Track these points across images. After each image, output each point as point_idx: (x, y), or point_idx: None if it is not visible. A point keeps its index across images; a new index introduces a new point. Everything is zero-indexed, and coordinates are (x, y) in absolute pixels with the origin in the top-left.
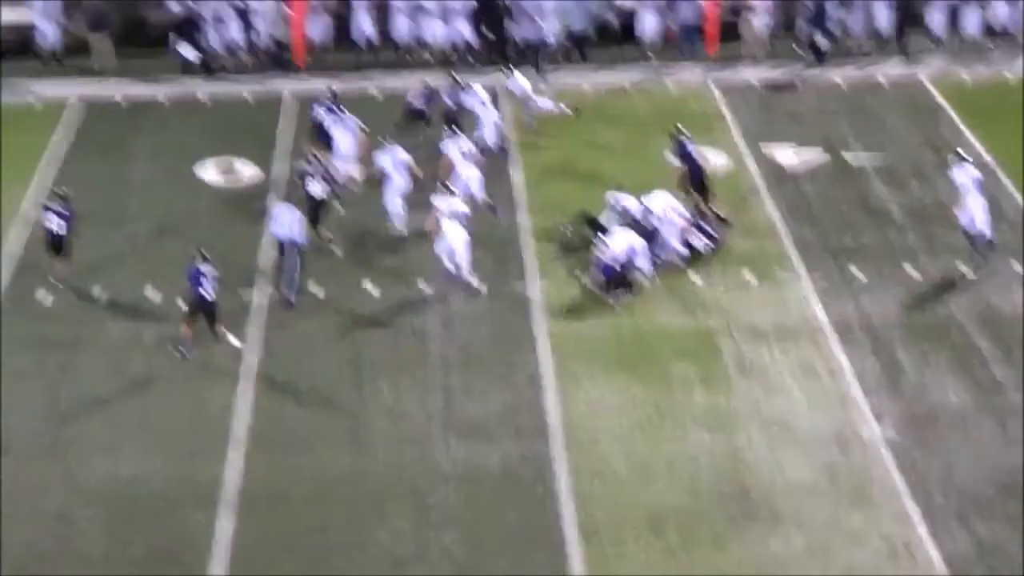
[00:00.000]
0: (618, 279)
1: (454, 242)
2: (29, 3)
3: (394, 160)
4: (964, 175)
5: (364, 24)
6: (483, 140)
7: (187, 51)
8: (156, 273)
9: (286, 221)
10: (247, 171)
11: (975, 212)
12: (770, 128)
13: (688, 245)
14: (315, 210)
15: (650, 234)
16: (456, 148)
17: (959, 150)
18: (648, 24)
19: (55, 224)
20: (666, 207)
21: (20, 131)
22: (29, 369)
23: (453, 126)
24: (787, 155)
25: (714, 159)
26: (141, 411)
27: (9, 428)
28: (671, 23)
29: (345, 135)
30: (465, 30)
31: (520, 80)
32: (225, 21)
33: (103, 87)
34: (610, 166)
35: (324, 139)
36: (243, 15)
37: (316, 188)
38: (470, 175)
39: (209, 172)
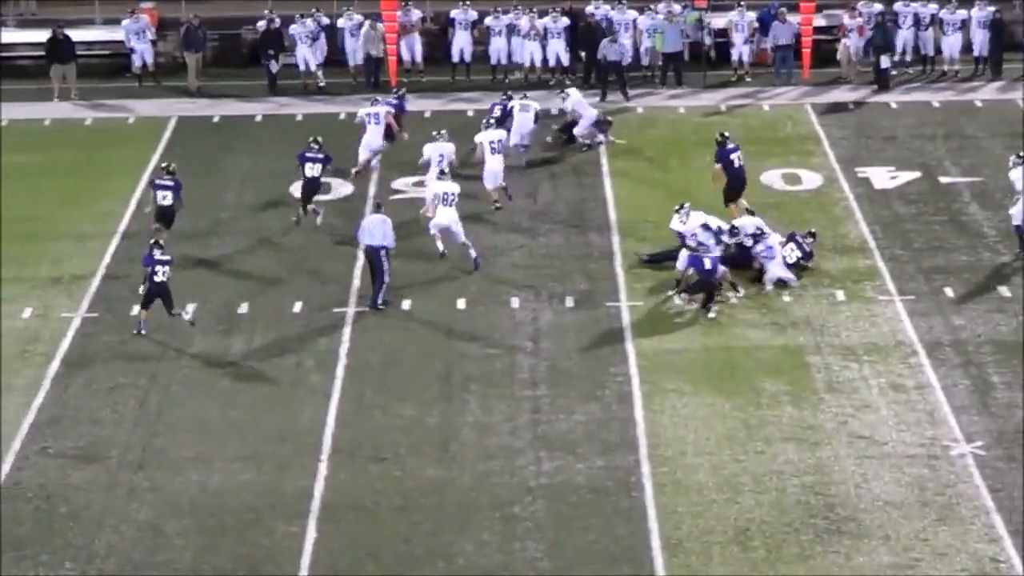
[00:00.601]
0: (705, 283)
1: (443, 220)
2: (123, 24)
3: (440, 152)
4: (1018, 172)
5: (463, 43)
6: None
7: (274, 67)
8: (248, 290)
9: (378, 232)
10: (339, 188)
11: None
12: (865, 150)
13: (786, 262)
14: (308, 189)
15: (742, 252)
16: (487, 138)
17: (1022, 152)
18: (742, 46)
19: (164, 197)
20: (758, 224)
21: (119, 148)
22: (119, 381)
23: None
24: (882, 177)
25: (809, 180)
26: (230, 423)
27: (100, 438)
28: (766, 45)
29: (376, 129)
30: (560, 51)
31: (577, 98)
32: (317, 39)
33: (198, 105)
34: (704, 187)
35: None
36: (333, 33)
37: (312, 169)
38: (493, 165)
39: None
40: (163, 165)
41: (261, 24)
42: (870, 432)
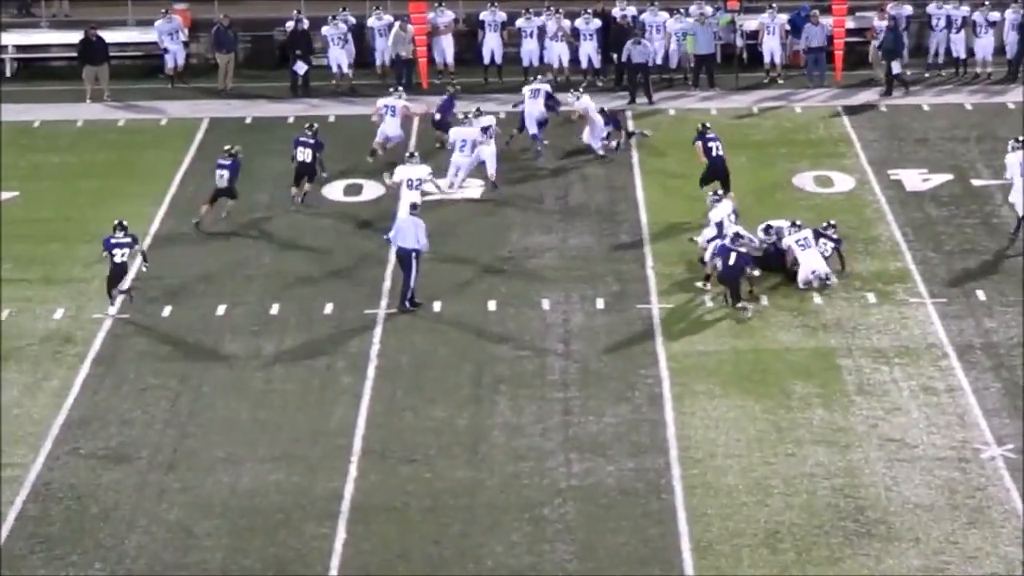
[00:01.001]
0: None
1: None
2: (156, 24)
3: (467, 135)
4: (1014, 158)
5: (493, 45)
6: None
7: (301, 68)
8: (279, 291)
9: (411, 234)
10: (370, 189)
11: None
12: (898, 152)
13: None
14: (299, 172)
15: (777, 253)
16: (479, 126)
17: (1020, 137)
18: (774, 48)
19: (304, 153)
20: (734, 208)
21: (152, 149)
22: (150, 381)
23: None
24: (914, 179)
25: (841, 182)
26: (261, 424)
27: (131, 439)
28: (798, 47)
29: (393, 121)
30: (592, 53)
31: (587, 102)
32: (348, 41)
33: (230, 107)
34: (736, 190)
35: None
36: (362, 34)
37: (303, 154)
38: (485, 150)
39: (334, 190)
40: (306, 127)
41: (289, 25)
42: (901, 435)
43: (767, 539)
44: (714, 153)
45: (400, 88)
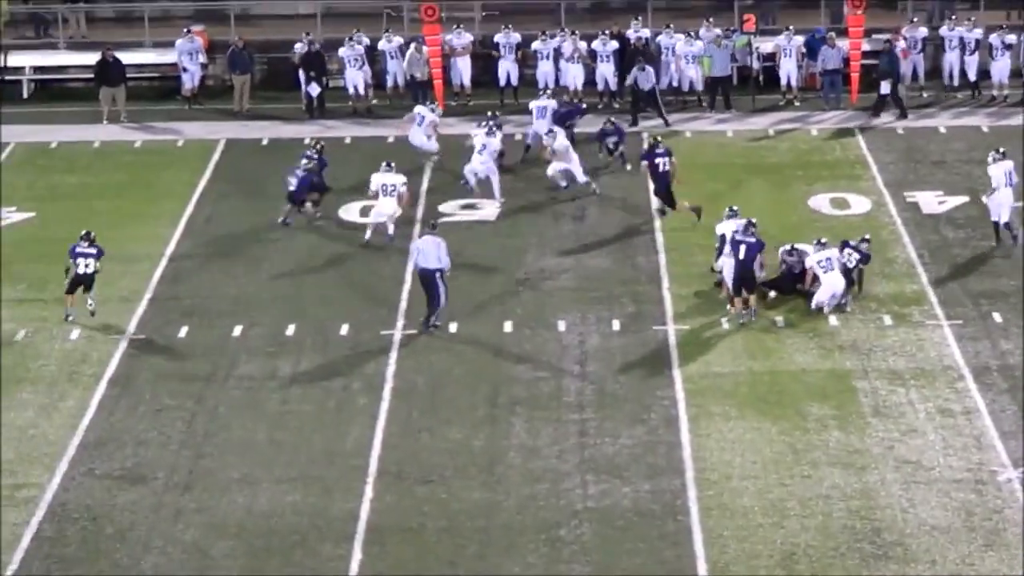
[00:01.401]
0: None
1: (384, 209)
2: (177, 44)
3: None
4: (999, 169)
5: (509, 67)
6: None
7: (315, 89)
8: (295, 312)
9: (432, 254)
10: (388, 209)
11: (1003, 203)
12: (914, 175)
13: (847, 269)
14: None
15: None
16: (479, 138)
17: (1000, 148)
18: (791, 70)
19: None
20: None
21: (168, 170)
22: (166, 402)
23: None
24: (930, 201)
25: (857, 204)
26: (277, 445)
27: (146, 459)
28: (815, 69)
29: (417, 131)
30: (608, 75)
31: (564, 141)
32: (364, 63)
33: (247, 128)
34: (751, 212)
35: None
36: (373, 57)
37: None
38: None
39: (350, 211)
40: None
41: (298, 47)
42: (917, 457)
43: (783, 561)
44: (660, 169)
45: (433, 103)
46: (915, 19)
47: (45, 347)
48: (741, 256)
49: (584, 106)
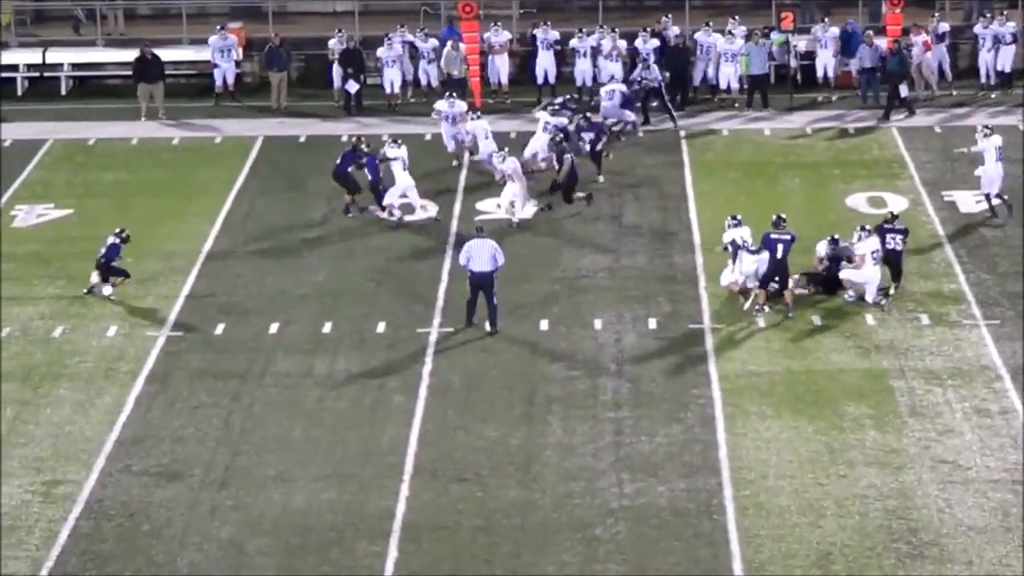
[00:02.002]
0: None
1: (403, 182)
2: (210, 40)
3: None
4: (990, 144)
5: (546, 64)
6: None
7: (352, 87)
8: (332, 309)
9: (486, 257)
10: (425, 208)
11: (993, 177)
12: (951, 174)
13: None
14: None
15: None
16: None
17: (987, 124)
18: (828, 62)
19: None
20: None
21: (206, 167)
22: (203, 399)
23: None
24: (968, 201)
25: (894, 203)
26: (313, 443)
27: (183, 456)
28: (851, 68)
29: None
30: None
31: (514, 164)
32: (400, 61)
33: (284, 125)
34: (789, 211)
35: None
36: (415, 54)
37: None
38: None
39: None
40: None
41: (332, 43)
42: (954, 457)
43: (819, 560)
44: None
45: (452, 95)
46: (936, 14)
47: (82, 343)
48: (779, 255)
49: (634, 94)
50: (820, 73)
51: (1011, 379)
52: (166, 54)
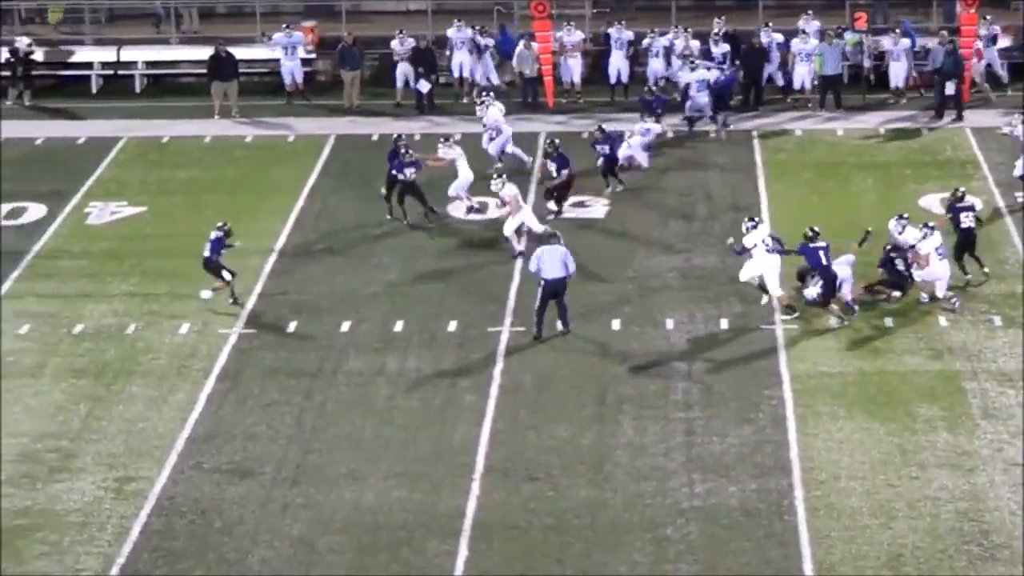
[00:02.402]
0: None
1: (465, 177)
2: (275, 37)
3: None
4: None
5: (620, 64)
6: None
7: (424, 86)
8: (403, 308)
9: (559, 264)
10: (495, 207)
11: None
12: None
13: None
14: (394, 187)
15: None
16: (497, 111)
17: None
18: (901, 69)
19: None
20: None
21: (279, 165)
22: (275, 397)
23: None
24: None
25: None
26: (384, 441)
27: (254, 453)
28: (926, 68)
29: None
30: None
31: (514, 191)
32: (472, 58)
33: (356, 124)
34: (862, 212)
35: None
36: (481, 52)
37: (407, 172)
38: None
39: (458, 208)
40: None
41: (394, 44)
42: None
43: (890, 562)
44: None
45: (482, 95)
46: (988, 16)
47: (155, 341)
48: (824, 261)
49: (733, 76)
50: (893, 84)
51: None
52: (240, 52)
